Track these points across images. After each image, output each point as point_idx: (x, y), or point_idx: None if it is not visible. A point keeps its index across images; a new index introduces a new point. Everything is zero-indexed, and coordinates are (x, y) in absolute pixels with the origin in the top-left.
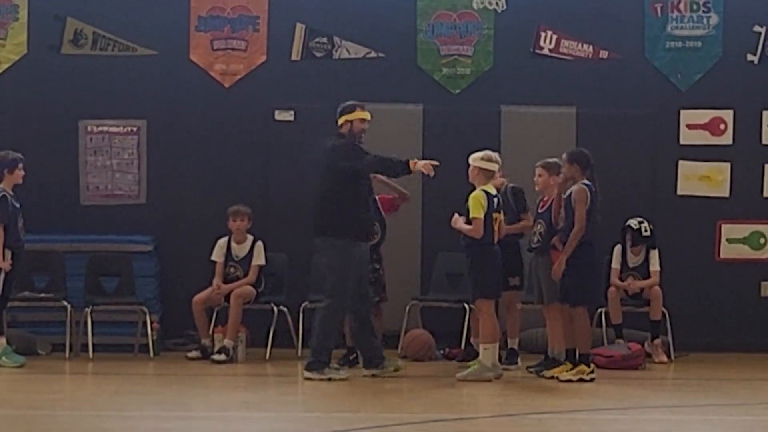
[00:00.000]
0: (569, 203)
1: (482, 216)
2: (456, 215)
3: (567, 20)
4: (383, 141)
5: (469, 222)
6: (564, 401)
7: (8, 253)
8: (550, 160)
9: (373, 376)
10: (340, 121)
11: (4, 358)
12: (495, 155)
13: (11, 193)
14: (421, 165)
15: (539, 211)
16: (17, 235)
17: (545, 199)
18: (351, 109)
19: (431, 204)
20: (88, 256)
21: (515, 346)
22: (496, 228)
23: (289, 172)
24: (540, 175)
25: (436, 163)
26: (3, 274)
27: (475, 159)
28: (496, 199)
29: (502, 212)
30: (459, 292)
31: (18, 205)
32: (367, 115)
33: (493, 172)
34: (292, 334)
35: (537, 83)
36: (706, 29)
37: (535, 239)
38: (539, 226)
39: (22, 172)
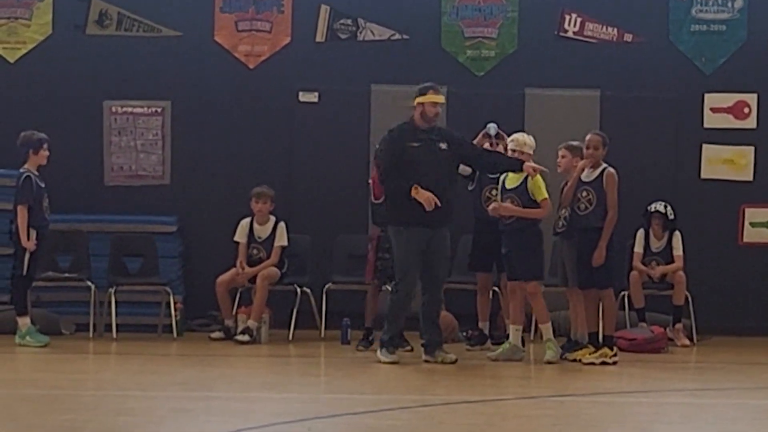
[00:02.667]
0: (599, 187)
1: (547, 196)
2: (496, 204)
3: (591, 3)
4: None
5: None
6: (586, 384)
7: (33, 233)
8: (573, 143)
9: (426, 362)
10: (414, 103)
11: (28, 338)
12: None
13: (36, 173)
14: None
15: None
16: (42, 215)
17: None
18: (424, 92)
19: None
20: (112, 237)
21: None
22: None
23: (313, 154)
24: (563, 156)
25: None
26: (27, 254)
27: (527, 146)
28: None
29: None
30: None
31: (43, 185)
32: (438, 98)
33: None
34: (315, 315)
35: (561, 66)
36: (731, 13)
37: (560, 223)
38: (564, 210)
39: (47, 153)
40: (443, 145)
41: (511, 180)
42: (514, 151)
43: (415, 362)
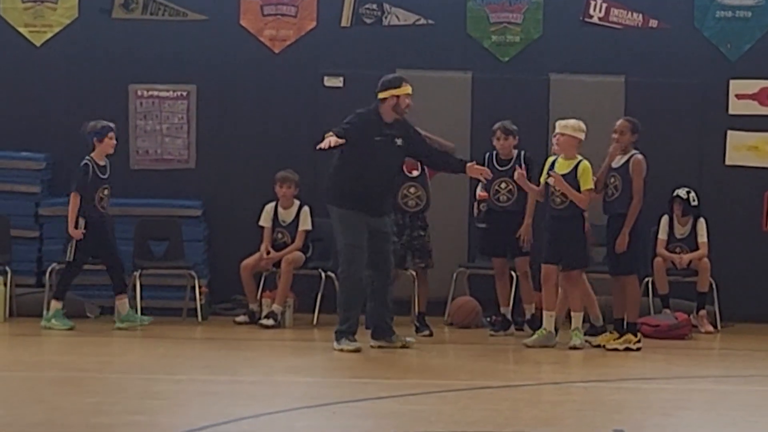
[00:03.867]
0: (626, 174)
1: (592, 186)
2: (554, 174)
3: None
4: (431, 109)
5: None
6: (610, 370)
7: (81, 222)
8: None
9: (380, 347)
10: (385, 95)
11: (53, 321)
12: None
13: (100, 163)
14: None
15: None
16: (92, 206)
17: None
18: (397, 84)
19: None
20: (137, 220)
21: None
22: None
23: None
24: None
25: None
26: (74, 242)
27: (569, 128)
28: None
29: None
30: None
31: (104, 176)
32: (410, 90)
33: (581, 141)
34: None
35: (586, 52)
36: None
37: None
38: (506, 185)
39: (113, 141)
40: (399, 141)
41: (562, 166)
42: (555, 134)
43: (438, 347)
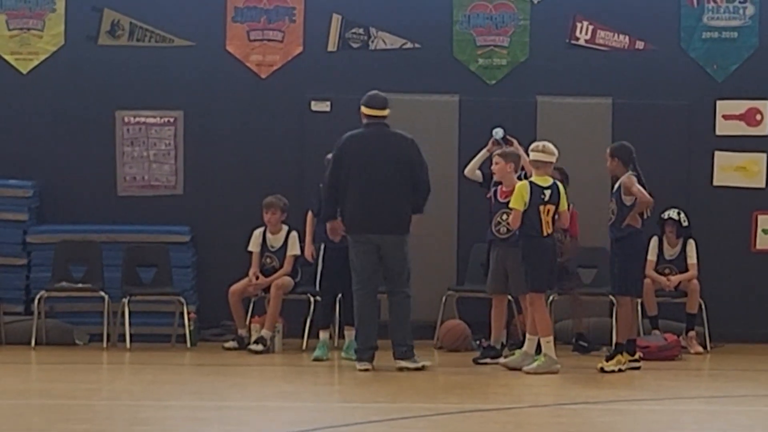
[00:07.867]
0: (619, 198)
1: (520, 208)
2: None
3: (603, 11)
4: (419, 132)
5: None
6: (600, 392)
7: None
8: (507, 149)
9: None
10: (385, 113)
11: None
12: (548, 146)
13: None
14: None
15: (500, 200)
16: None
17: (503, 189)
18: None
19: (467, 195)
20: (125, 247)
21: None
22: (547, 220)
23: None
24: (497, 163)
25: None
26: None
27: (531, 150)
28: (548, 191)
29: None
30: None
31: None
32: None
33: (547, 162)
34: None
35: (573, 74)
36: (743, 20)
37: (502, 228)
38: (506, 215)
39: None
40: None
41: None
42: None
43: (428, 371)
